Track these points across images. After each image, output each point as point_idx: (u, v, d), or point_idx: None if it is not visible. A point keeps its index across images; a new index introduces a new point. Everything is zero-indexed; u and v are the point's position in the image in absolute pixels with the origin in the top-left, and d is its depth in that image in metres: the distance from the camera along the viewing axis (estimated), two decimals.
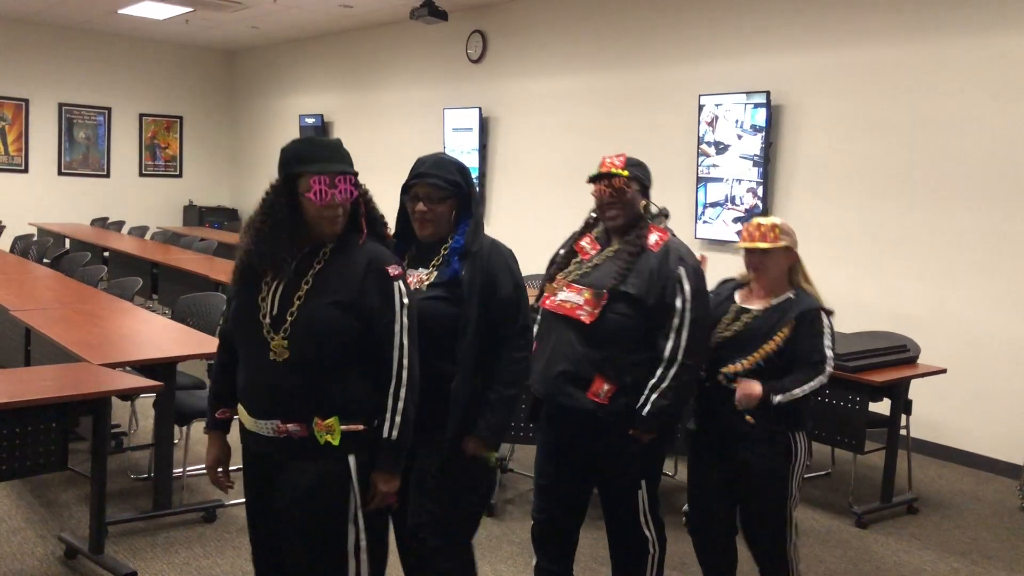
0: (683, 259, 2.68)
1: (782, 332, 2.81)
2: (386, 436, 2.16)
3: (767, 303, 2.88)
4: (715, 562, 3.05)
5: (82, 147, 11.77)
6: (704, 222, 6.62)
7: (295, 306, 2.13)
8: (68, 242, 9.44)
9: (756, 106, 6.23)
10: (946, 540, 4.12)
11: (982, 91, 5.20)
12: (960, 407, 5.30)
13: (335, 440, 2.13)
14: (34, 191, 11.33)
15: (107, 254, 8.64)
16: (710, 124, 6.53)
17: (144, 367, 3.76)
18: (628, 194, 2.71)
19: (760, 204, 6.25)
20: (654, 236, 2.71)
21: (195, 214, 12.31)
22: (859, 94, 5.79)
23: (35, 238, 9.23)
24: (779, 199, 6.25)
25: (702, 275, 2.72)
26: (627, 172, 2.70)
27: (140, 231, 10.44)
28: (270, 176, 2.22)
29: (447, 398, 2.37)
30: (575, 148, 7.76)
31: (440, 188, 2.43)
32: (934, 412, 5.32)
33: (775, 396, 2.75)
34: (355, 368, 2.18)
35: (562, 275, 2.78)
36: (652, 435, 2.66)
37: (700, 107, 6.58)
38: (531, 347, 2.55)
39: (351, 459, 2.16)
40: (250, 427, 2.20)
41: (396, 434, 2.16)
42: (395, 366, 2.16)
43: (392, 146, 9.80)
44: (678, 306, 2.63)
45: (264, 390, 2.16)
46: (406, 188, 2.49)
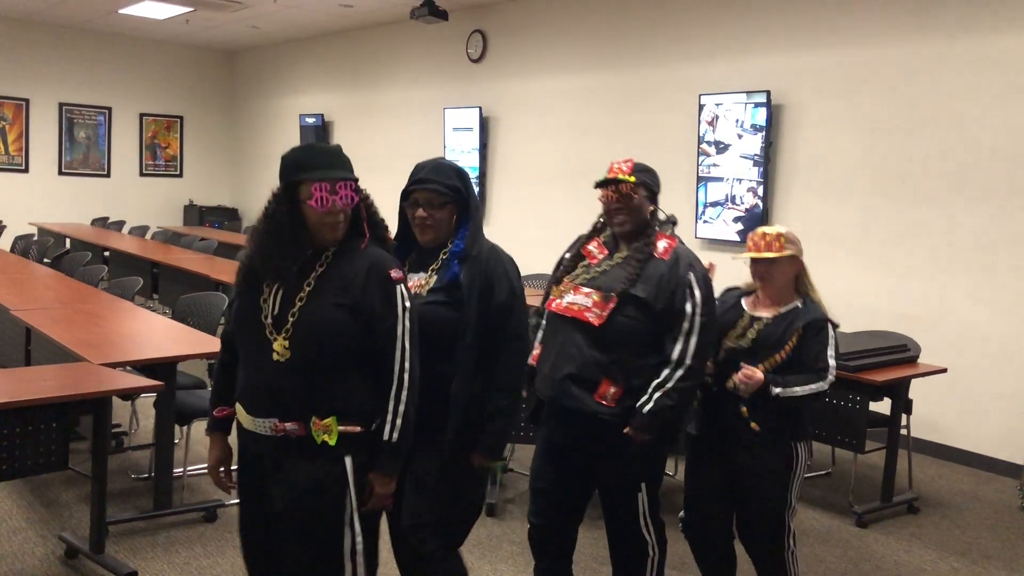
0: (692, 266, 2.68)
1: (790, 343, 2.81)
2: (386, 438, 2.17)
3: (776, 311, 2.88)
4: (714, 563, 3.04)
5: (82, 147, 11.77)
6: (704, 222, 6.62)
7: (296, 307, 2.14)
8: (68, 242, 9.45)
9: (756, 106, 6.23)
10: (946, 540, 4.12)
11: (982, 91, 5.20)
12: (960, 407, 5.30)
13: (332, 440, 2.13)
14: (34, 191, 11.34)
15: (107, 254, 8.64)
16: (710, 124, 6.53)
17: (144, 367, 3.77)
18: (635, 200, 2.69)
19: (760, 204, 6.25)
20: (662, 243, 2.70)
21: (195, 214, 12.32)
22: (859, 94, 5.79)
23: (35, 238, 9.23)
24: (779, 199, 6.25)
25: (710, 282, 2.72)
26: (634, 178, 2.69)
27: (140, 231, 10.46)
28: (271, 175, 2.24)
29: (447, 400, 2.37)
30: (575, 148, 7.77)
31: (440, 194, 2.43)
32: (934, 412, 5.32)
33: (775, 388, 2.75)
34: (355, 370, 2.18)
35: (569, 278, 2.77)
36: (647, 436, 2.62)
37: (700, 107, 6.58)
38: (527, 354, 2.55)
39: (348, 460, 2.16)
40: (248, 425, 2.21)
41: (396, 436, 2.17)
42: (396, 369, 2.17)
43: (392, 146, 9.82)
44: (688, 311, 2.62)
45: (264, 389, 2.17)
46: (405, 194, 2.49)
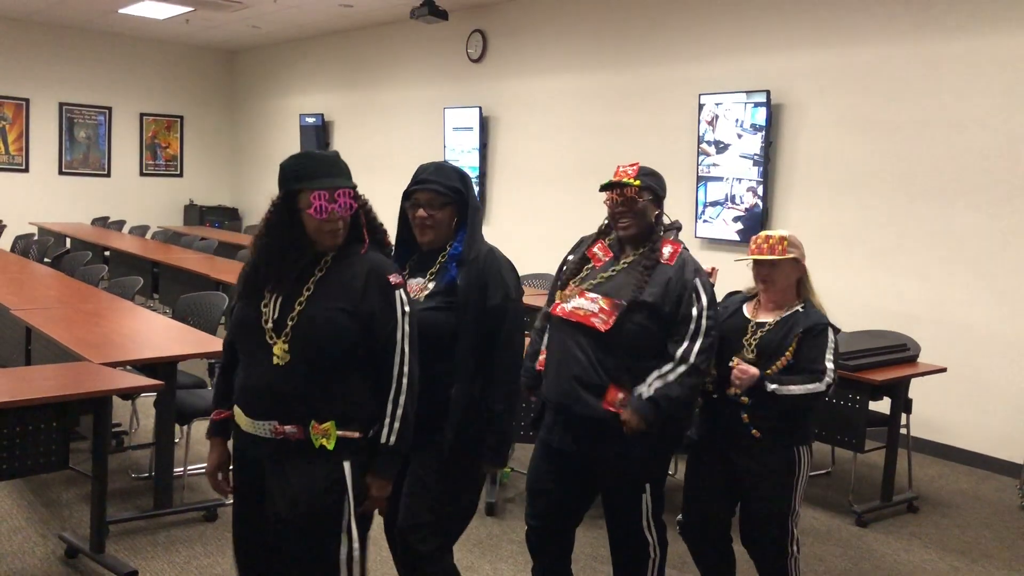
0: (697, 271, 2.68)
1: (791, 348, 2.81)
2: (383, 441, 2.18)
3: (777, 315, 2.88)
4: (713, 564, 3.04)
5: (83, 147, 11.77)
6: (704, 221, 6.62)
7: (296, 311, 2.15)
8: (69, 241, 9.45)
9: (756, 105, 6.23)
10: (946, 539, 4.13)
11: (982, 91, 5.20)
12: (960, 406, 5.31)
13: (330, 444, 2.14)
14: (35, 191, 11.34)
15: (108, 253, 8.65)
16: (710, 123, 6.53)
17: (145, 366, 3.77)
18: (639, 204, 2.68)
19: (760, 203, 6.25)
20: (668, 249, 2.70)
21: (196, 213, 12.33)
22: (859, 94, 5.79)
23: (36, 237, 9.24)
24: (779, 198, 6.25)
25: (712, 287, 2.72)
26: (639, 182, 2.68)
27: (141, 230, 10.46)
28: (271, 175, 2.25)
29: (446, 402, 2.38)
30: (575, 147, 7.77)
31: (441, 194, 2.44)
32: (934, 411, 5.32)
33: (770, 384, 2.75)
34: (354, 374, 2.19)
35: (574, 282, 2.75)
36: (641, 425, 2.57)
37: (700, 106, 6.58)
38: (519, 358, 2.55)
39: (347, 465, 2.16)
40: (246, 427, 2.21)
41: (394, 439, 2.18)
42: (395, 373, 2.19)
43: (392, 145, 9.82)
44: (694, 314, 2.62)
45: (264, 392, 2.17)
46: (407, 195, 2.50)
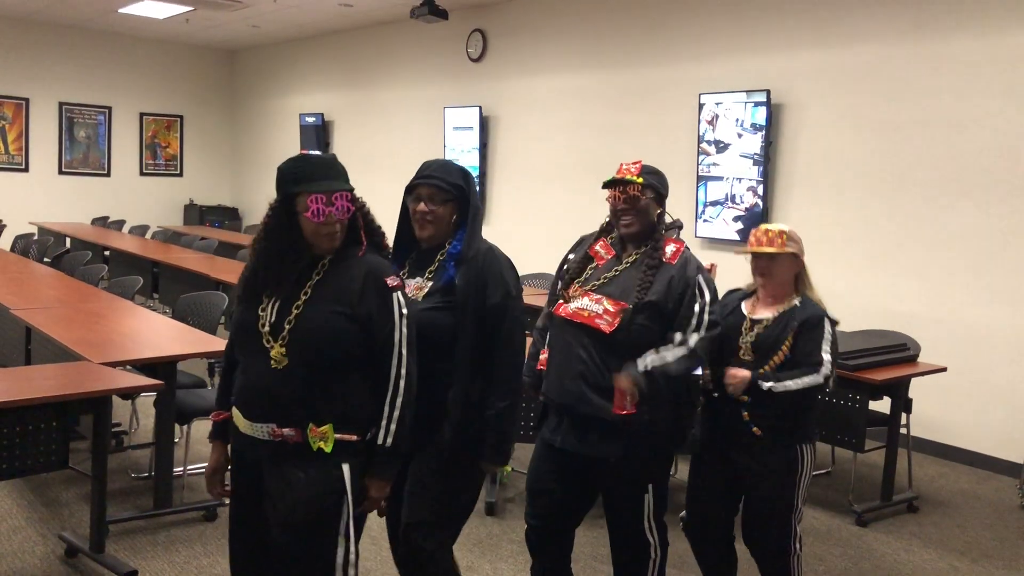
0: (700, 268, 2.68)
1: (788, 342, 2.81)
2: (381, 442, 2.18)
3: (775, 312, 2.88)
4: (714, 563, 3.04)
5: (82, 146, 11.77)
6: (704, 221, 6.62)
7: (293, 315, 2.16)
8: (69, 241, 9.45)
9: (756, 105, 6.23)
10: (946, 538, 4.13)
11: (982, 91, 5.20)
12: (960, 405, 5.31)
13: (328, 447, 2.14)
14: (35, 190, 11.33)
15: (108, 253, 8.65)
16: (710, 123, 6.53)
17: (145, 366, 3.77)
18: (642, 202, 2.69)
19: (760, 203, 6.25)
20: (670, 248, 2.70)
21: (196, 213, 12.33)
22: (859, 93, 5.79)
23: (36, 237, 9.24)
24: (779, 198, 6.25)
25: (715, 284, 2.72)
26: (642, 180, 2.68)
27: (141, 230, 10.46)
28: (271, 175, 2.25)
29: (445, 402, 2.38)
30: (575, 147, 7.77)
31: (442, 190, 2.45)
32: (934, 410, 5.32)
33: (764, 383, 2.75)
34: (352, 377, 2.19)
35: (577, 282, 2.75)
36: (631, 387, 2.53)
37: (700, 106, 6.58)
38: (522, 355, 2.54)
39: (346, 468, 2.16)
40: (244, 430, 2.21)
41: (391, 441, 2.19)
42: (393, 375, 2.19)
43: (392, 145, 9.82)
44: (696, 310, 2.62)
45: (261, 395, 2.18)
46: (410, 189, 2.51)
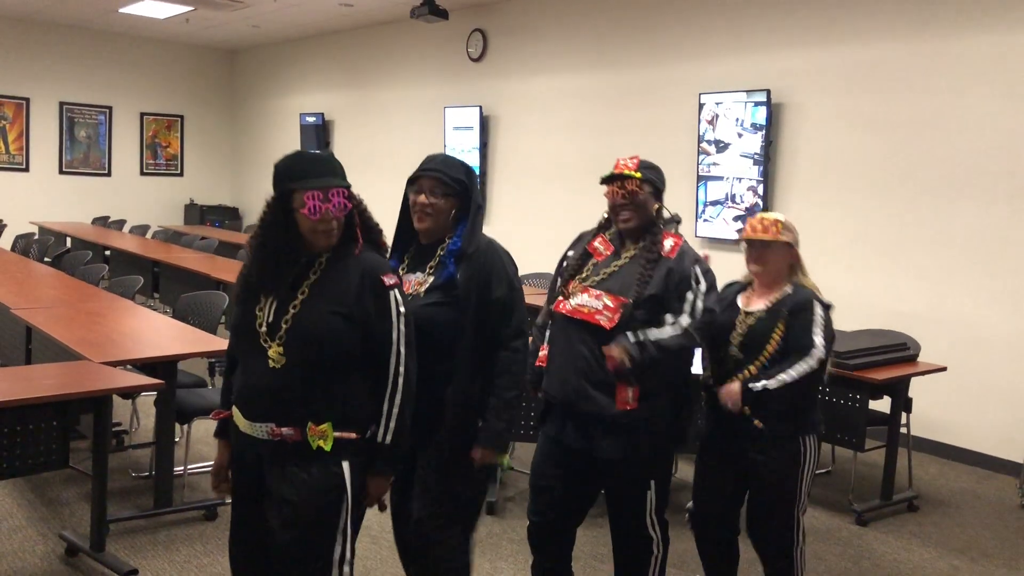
0: (697, 259, 2.69)
1: (779, 330, 2.82)
2: (380, 440, 2.19)
3: (768, 302, 2.88)
4: (717, 561, 3.06)
5: (83, 146, 11.77)
6: (704, 220, 6.62)
7: (290, 315, 2.16)
8: (69, 241, 9.46)
9: (756, 104, 6.23)
10: (946, 538, 4.13)
11: (982, 91, 5.20)
12: (960, 405, 5.31)
13: (327, 446, 2.14)
14: (35, 190, 11.34)
15: (108, 253, 8.65)
16: (710, 122, 6.53)
17: (145, 365, 3.77)
18: (640, 196, 2.69)
19: (760, 202, 6.25)
20: (669, 242, 2.70)
21: (196, 213, 12.33)
22: (859, 93, 5.79)
23: (36, 237, 9.24)
24: (779, 197, 6.25)
25: (713, 275, 2.72)
26: (640, 174, 2.68)
27: (141, 230, 10.47)
28: (271, 175, 2.24)
29: (446, 399, 2.39)
30: (575, 146, 7.77)
31: (444, 184, 2.45)
32: (934, 410, 5.32)
33: (754, 385, 2.76)
34: (351, 376, 2.19)
35: (577, 279, 2.75)
36: (622, 355, 2.53)
37: (700, 105, 6.58)
38: (527, 349, 2.55)
39: (345, 466, 2.17)
40: (244, 429, 2.22)
41: (391, 438, 2.19)
42: (392, 373, 2.20)
43: (393, 145, 9.82)
44: (689, 297, 2.63)
45: (261, 394, 2.18)
46: (412, 180, 2.52)
